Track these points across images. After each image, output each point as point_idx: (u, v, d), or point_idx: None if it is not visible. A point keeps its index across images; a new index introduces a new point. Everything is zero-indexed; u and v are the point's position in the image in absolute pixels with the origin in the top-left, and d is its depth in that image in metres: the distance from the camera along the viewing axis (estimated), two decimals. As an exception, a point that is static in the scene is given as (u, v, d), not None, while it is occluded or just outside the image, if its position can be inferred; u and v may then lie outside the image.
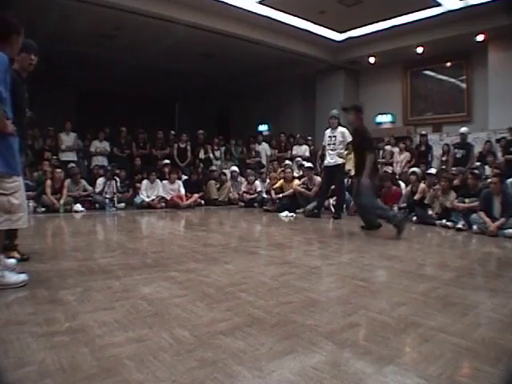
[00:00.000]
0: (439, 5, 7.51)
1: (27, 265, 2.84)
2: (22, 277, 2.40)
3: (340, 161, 6.37)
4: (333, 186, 6.60)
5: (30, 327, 1.76)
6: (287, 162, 8.28)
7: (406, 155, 8.12)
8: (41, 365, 1.43)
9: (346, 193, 6.91)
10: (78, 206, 6.86)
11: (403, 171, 7.79)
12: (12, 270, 2.50)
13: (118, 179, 7.62)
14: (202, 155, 9.37)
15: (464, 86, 8.98)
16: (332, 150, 6.38)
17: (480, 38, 8.05)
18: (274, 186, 7.61)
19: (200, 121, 12.51)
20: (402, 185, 6.97)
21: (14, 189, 2.29)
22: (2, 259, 2.43)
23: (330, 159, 6.40)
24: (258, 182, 8.36)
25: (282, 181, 7.57)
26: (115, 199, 7.31)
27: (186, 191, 7.92)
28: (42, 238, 4.42)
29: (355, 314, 2.02)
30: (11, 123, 2.24)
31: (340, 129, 6.42)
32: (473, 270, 3.18)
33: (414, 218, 5.95)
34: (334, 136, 6.40)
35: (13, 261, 2.71)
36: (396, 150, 8.38)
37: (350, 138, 6.43)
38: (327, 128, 6.63)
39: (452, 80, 9.22)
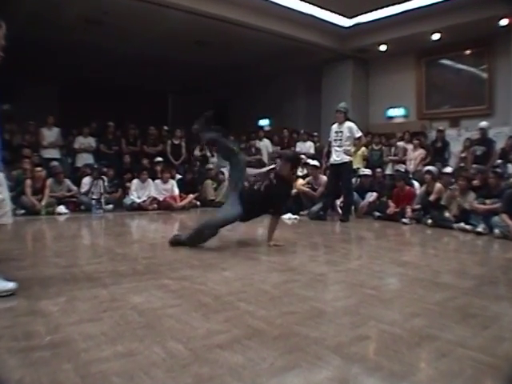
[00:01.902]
0: (458, -14, 7.49)
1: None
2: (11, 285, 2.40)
3: (347, 158, 6.36)
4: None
5: (7, 342, 1.75)
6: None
7: (421, 152, 8.11)
8: (19, 383, 1.42)
9: (355, 193, 6.92)
10: (62, 208, 6.85)
11: (417, 169, 7.79)
12: None
13: (105, 178, 7.63)
14: (197, 152, 9.37)
15: (485, 75, 8.95)
16: (338, 146, 6.38)
17: (504, 22, 7.93)
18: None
19: (195, 115, 12.43)
20: (416, 184, 6.97)
21: None
22: None
23: (337, 157, 6.40)
24: None
25: (284, 180, 7.55)
26: (102, 200, 7.29)
27: (180, 191, 7.92)
28: (22, 243, 4.42)
29: (364, 325, 2.01)
30: None
31: (347, 123, 6.42)
32: (494, 278, 3.17)
33: (429, 221, 5.94)
34: (341, 131, 6.40)
35: None
36: (409, 146, 8.37)
37: (358, 134, 6.45)
38: (333, 123, 6.63)
39: (472, 69, 9.20)
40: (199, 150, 9.41)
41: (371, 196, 7.05)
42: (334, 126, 6.56)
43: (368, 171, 7.48)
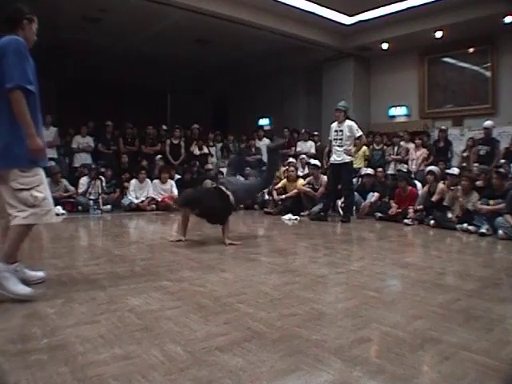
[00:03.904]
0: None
1: None
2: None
3: (348, 158, 6.35)
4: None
5: (3, 344, 1.75)
6: (291, 159, 8.28)
7: (423, 152, 8.11)
8: (15, 385, 1.42)
9: (356, 194, 6.91)
10: (59, 209, 6.83)
11: (419, 169, 7.79)
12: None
13: (103, 178, 7.62)
14: (196, 151, 9.36)
15: (489, 74, 8.95)
16: (339, 146, 6.36)
17: (508, 19, 7.91)
18: (277, 186, 7.60)
19: (194, 114, 12.51)
20: (419, 185, 6.96)
21: (36, 182, 2.41)
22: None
23: (337, 157, 6.38)
24: None
25: (285, 180, 7.56)
26: (100, 201, 7.29)
27: (179, 192, 7.91)
28: (19, 244, 4.40)
29: (366, 327, 2.01)
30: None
31: (347, 122, 6.41)
32: (499, 280, 3.17)
33: (432, 222, 5.93)
34: (341, 130, 6.38)
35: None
36: (412, 146, 8.37)
37: (358, 133, 6.43)
38: (333, 121, 6.62)
39: (475, 68, 9.20)
40: (198, 149, 9.40)
41: (373, 196, 7.04)
42: (334, 125, 6.54)
43: (370, 170, 7.46)
